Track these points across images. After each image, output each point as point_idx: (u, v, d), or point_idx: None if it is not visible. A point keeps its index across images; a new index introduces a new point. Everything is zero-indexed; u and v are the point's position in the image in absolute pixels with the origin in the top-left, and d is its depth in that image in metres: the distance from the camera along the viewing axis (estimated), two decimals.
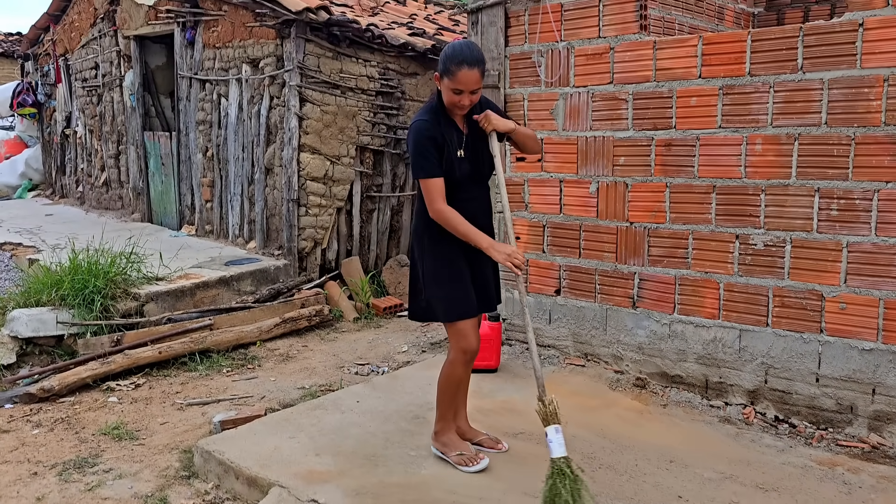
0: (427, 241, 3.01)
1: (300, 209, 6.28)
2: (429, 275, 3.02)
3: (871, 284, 3.38)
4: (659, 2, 6.24)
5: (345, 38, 6.24)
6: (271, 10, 6.00)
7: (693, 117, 3.84)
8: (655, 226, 4.04)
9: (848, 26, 3.34)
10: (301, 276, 6.27)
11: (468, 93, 2.85)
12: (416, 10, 9.38)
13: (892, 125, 3.26)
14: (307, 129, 6.16)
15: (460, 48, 2.86)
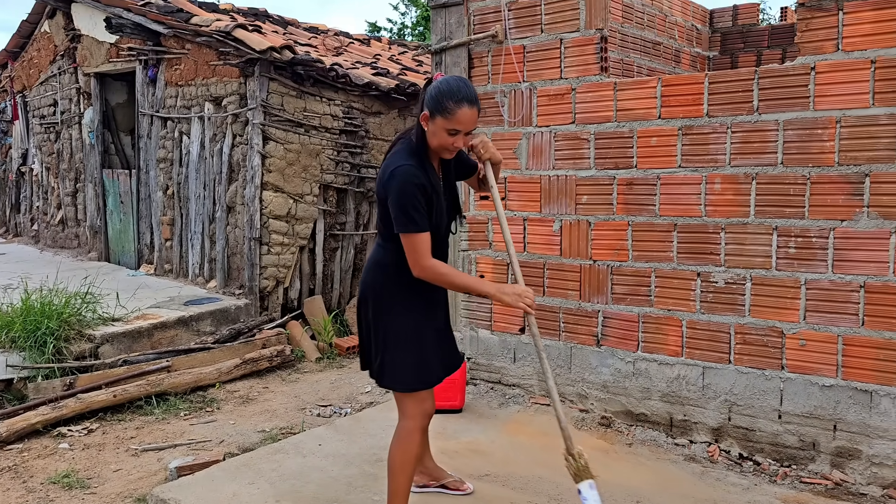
0: (390, 299, 2.67)
1: (262, 248, 6.20)
2: (392, 337, 2.68)
3: (830, 321, 3.43)
4: (618, 45, 6.40)
5: (309, 78, 6.24)
6: (235, 49, 5.99)
7: (653, 157, 3.90)
8: (618, 264, 4.06)
9: (800, 70, 3.44)
10: (262, 316, 6.16)
11: (463, 134, 2.57)
12: (380, 51, 9.48)
13: (845, 165, 3.35)
14: (270, 167, 6.11)
15: (457, 85, 2.56)
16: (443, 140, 2.56)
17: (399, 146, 2.66)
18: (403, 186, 2.50)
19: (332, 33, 9.26)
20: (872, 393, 3.34)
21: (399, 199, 2.49)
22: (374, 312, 2.70)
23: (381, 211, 2.67)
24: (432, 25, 4.74)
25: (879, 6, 3.23)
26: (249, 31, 6.19)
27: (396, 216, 2.51)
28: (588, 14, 4.09)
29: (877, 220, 3.29)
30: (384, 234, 2.69)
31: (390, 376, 2.70)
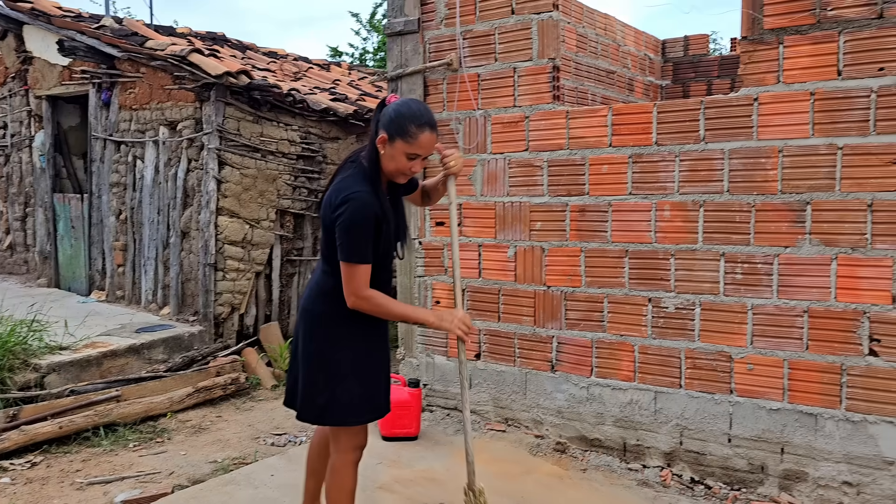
0: (339, 329, 2.57)
1: (217, 273, 6.11)
2: (344, 369, 2.57)
3: (776, 345, 3.51)
4: (573, 73, 6.52)
5: (266, 103, 6.22)
6: (191, 73, 5.95)
7: (605, 184, 3.97)
8: (572, 289, 4.10)
9: (744, 100, 3.55)
10: (217, 343, 6.06)
11: (421, 159, 2.52)
12: (339, 76, 9.50)
13: (787, 193, 3.45)
14: (226, 192, 6.05)
15: (419, 109, 2.51)
16: (401, 164, 2.49)
17: (350, 170, 2.55)
18: (357, 214, 2.42)
19: (291, 58, 9.26)
20: (817, 416, 3.41)
21: (350, 226, 2.42)
22: (322, 344, 2.59)
23: (327, 236, 2.56)
24: (388, 53, 4.78)
25: (817, 41, 3.36)
26: (206, 55, 6.16)
27: (344, 243, 2.44)
28: (541, 44, 4.16)
29: (819, 246, 3.38)
30: (331, 258, 2.58)
31: (342, 411, 2.58)
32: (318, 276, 2.68)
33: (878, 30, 3.22)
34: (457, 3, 4.44)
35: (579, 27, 6.64)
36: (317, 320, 2.60)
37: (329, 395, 2.57)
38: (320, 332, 2.59)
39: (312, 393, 2.59)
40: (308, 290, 2.71)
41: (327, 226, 2.55)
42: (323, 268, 2.64)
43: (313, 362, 2.59)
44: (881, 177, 3.24)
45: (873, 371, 3.29)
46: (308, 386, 2.60)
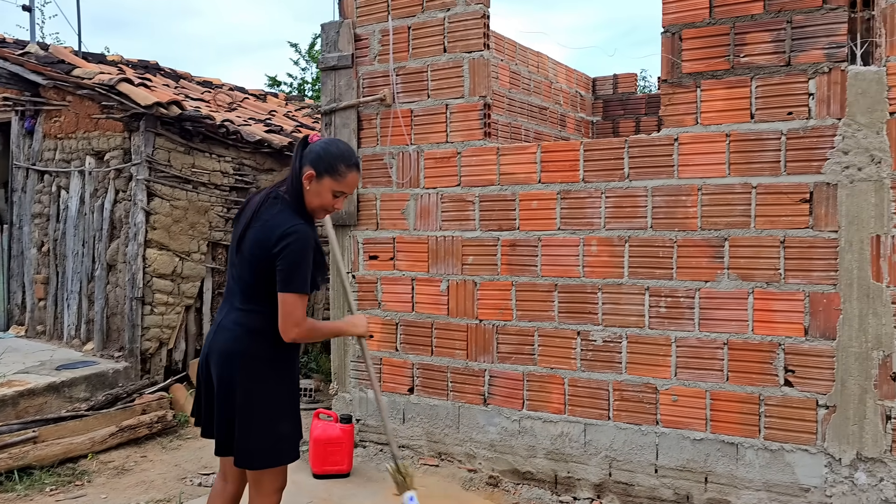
0: (268, 368, 2.55)
1: (145, 307, 5.94)
2: (273, 408, 2.56)
3: (698, 377, 3.62)
4: (506, 109, 6.66)
5: (198, 134, 6.14)
6: (119, 103, 5.83)
7: (535, 219, 4.05)
8: (503, 323, 4.15)
9: (665, 140, 3.69)
10: (144, 380, 5.87)
11: (344, 196, 2.62)
12: (276, 107, 9.45)
13: (707, 230, 3.58)
14: (155, 224, 5.92)
15: (348, 149, 2.62)
16: (326, 200, 2.55)
17: (279, 205, 2.56)
18: (304, 246, 2.46)
19: (226, 88, 9.17)
20: (738, 445, 3.52)
21: (297, 258, 2.45)
22: (252, 385, 2.53)
23: (256, 273, 2.53)
24: (322, 87, 4.79)
25: (731, 85, 3.53)
26: (136, 84, 6.05)
27: (290, 276, 2.45)
28: (472, 82, 4.25)
29: (736, 280, 3.52)
30: (257, 296, 2.55)
31: (273, 452, 2.56)
32: (237, 315, 2.59)
33: (786, 76, 3.41)
34: (390, 40, 4.50)
35: (512, 64, 6.80)
36: (246, 361, 2.54)
37: (261, 437, 2.53)
38: (251, 373, 2.54)
39: (245, 436, 2.53)
40: (224, 331, 2.60)
41: (259, 262, 2.51)
42: (245, 306, 2.58)
43: (244, 405, 2.53)
44: (792, 214, 3.40)
45: (789, 401, 3.42)
46: (241, 430, 2.53)
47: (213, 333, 2.64)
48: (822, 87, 3.34)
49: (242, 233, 2.57)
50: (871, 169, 3.24)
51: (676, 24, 3.66)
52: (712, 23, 3.57)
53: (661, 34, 3.71)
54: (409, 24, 4.44)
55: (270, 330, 2.53)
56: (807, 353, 3.38)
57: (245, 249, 2.55)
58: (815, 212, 3.35)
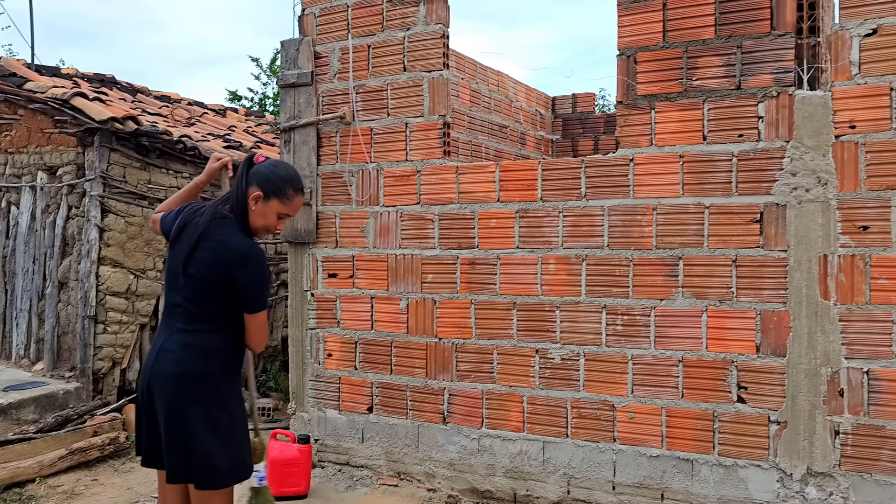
0: (224, 389, 2.55)
1: (97, 326, 5.80)
2: (230, 428, 2.54)
3: (654, 394, 3.66)
4: (467, 127, 6.70)
5: (154, 149, 6.05)
6: (73, 117, 5.72)
7: (494, 238, 4.07)
8: (462, 341, 4.15)
9: (621, 161, 3.75)
10: (96, 400, 5.72)
11: (287, 218, 2.70)
12: (235, 122, 9.37)
13: (661, 249, 3.64)
14: (109, 241, 5.80)
15: (295, 173, 2.69)
16: (270, 222, 2.61)
17: (228, 225, 2.56)
18: (265, 265, 2.54)
19: (184, 103, 9.06)
20: (693, 461, 3.57)
21: (260, 277, 2.52)
22: (203, 405, 2.50)
23: (209, 291, 2.51)
24: (281, 104, 4.77)
25: (684, 108, 3.61)
26: (91, 99, 5.94)
27: (255, 294, 2.52)
28: (432, 101, 4.27)
29: (691, 299, 3.58)
30: (207, 316, 2.54)
31: (233, 470, 2.55)
32: (183, 337, 2.55)
33: (737, 99, 3.50)
34: (350, 58, 4.51)
35: (473, 83, 6.86)
36: (199, 382, 2.51)
37: (223, 456, 2.52)
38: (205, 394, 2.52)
39: (207, 457, 2.49)
40: (168, 354, 2.55)
41: (213, 282, 2.50)
42: (192, 327, 2.54)
43: (202, 426, 2.50)
44: (743, 234, 3.48)
45: (742, 417, 3.48)
46: (200, 451, 2.49)
47: (153, 358, 2.58)
48: (770, 111, 3.43)
49: (189, 253, 2.54)
50: (817, 190, 3.33)
51: (631, 47, 3.73)
52: (666, 46, 3.65)
53: (617, 57, 3.78)
54: (369, 42, 4.46)
55: (222, 349, 2.55)
56: (759, 370, 3.45)
57: (195, 270, 2.53)
58: (766, 232, 3.44)
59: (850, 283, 3.28)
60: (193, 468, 2.50)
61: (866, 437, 3.26)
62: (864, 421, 3.26)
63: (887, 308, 3.22)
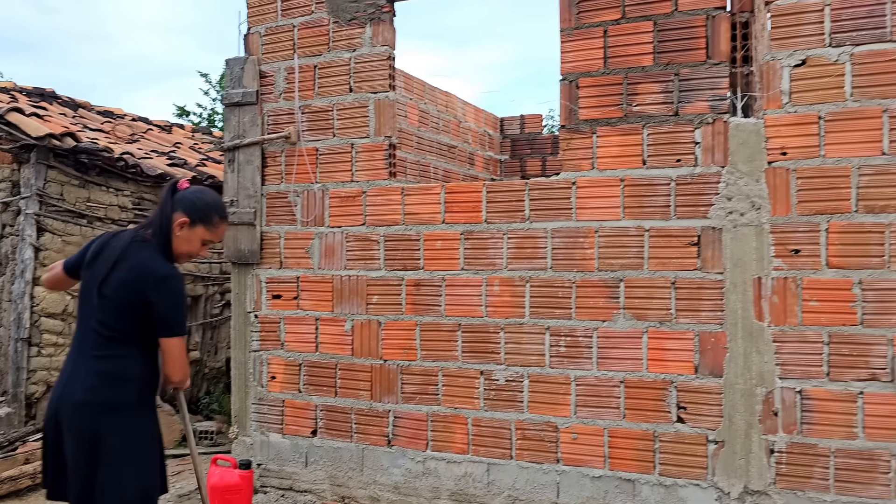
0: (142, 416, 2.55)
1: (32, 349, 5.60)
2: (148, 456, 2.54)
3: (597, 415, 3.69)
4: (415, 147, 6.72)
5: (94, 167, 5.90)
6: (8, 133, 5.55)
7: (439, 259, 4.07)
8: (408, 363, 4.13)
9: (563, 184, 3.80)
10: (28, 426, 5.50)
11: (210, 245, 2.76)
12: (181, 139, 9.21)
13: (603, 271, 3.70)
14: (45, 260, 5.61)
15: (219, 200, 2.77)
16: (194, 247, 2.65)
17: (148, 249, 2.56)
18: (182, 289, 2.54)
19: (128, 119, 8.88)
20: (635, 481, 3.60)
21: (178, 301, 2.52)
22: (122, 437, 2.46)
23: (123, 314, 2.47)
24: (225, 123, 4.71)
25: (625, 132, 3.69)
26: (28, 114, 5.78)
27: (174, 319, 2.51)
28: (377, 122, 4.27)
29: (631, 320, 3.64)
30: (120, 340, 2.49)
31: (145, 499, 2.52)
32: (94, 364, 2.49)
33: (675, 125, 3.59)
34: (296, 78, 4.48)
35: (421, 103, 6.89)
36: (113, 410, 2.46)
37: (133, 485, 2.48)
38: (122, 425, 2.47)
39: (116, 488, 2.44)
40: (79, 382, 2.48)
41: (129, 305, 2.47)
42: (103, 352, 2.49)
43: (114, 455, 2.45)
44: (682, 257, 3.56)
45: (681, 437, 3.54)
46: (111, 481, 2.43)
47: (62, 386, 2.51)
48: (707, 137, 3.53)
49: (106, 274, 2.50)
50: (752, 214, 3.43)
51: (574, 72, 3.80)
52: (607, 73, 3.73)
53: (560, 82, 3.84)
54: (315, 62, 4.44)
55: (136, 376, 2.51)
56: (697, 391, 3.51)
57: (110, 291, 2.50)
58: (703, 254, 3.52)
59: (782, 305, 3.37)
60: (102, 500, 2.44)
61: (799, 456, 3.34)
62: (797, 439, 3.35)
63: (818, 329, 3.32)
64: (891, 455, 3.20)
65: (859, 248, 3.26)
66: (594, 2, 3.75)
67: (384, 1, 4.24)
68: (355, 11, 4.32)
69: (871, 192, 3.24)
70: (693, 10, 3.55)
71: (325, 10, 4.40)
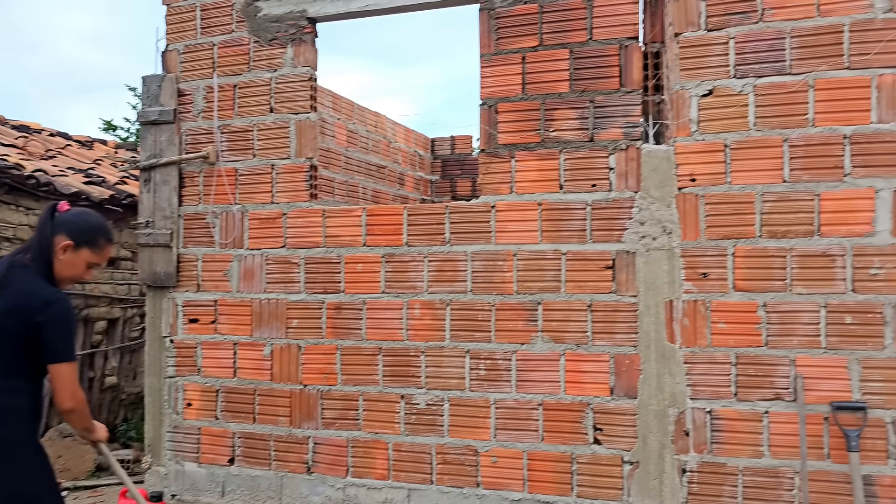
0: (34, 454, 2.39)
1: None
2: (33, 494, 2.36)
3: (516, 437, 3.70)
4: (343, 167, 6.67)
5: (3, 184, 5.64)
6: None
7: (360, 282, 4.04)
8: (328, 388, 4.07)
9: (483, 207, 3.83)
10: None
11: (96, 268, 2.63)
12: (103, 155, 8.91)
13: (522, 293, 3.72)
14: None
15: (104, 222, 2.64)
16: (78, 271, 2.52)
17: (29, 273, 2.43)
18: (70, 313, 2.43)
19: (45, 133, 8.55)
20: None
21: (67, 326, 2.41)
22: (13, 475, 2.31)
23: (15, 342, 2.34)
24: (142, 142, 4.58)
25: (542, 157, 3.74)
26: None
27: (62, 345, 2.38)
28: (299, 143, 4.22)
29: (549, 343, 3.67)
30: (17, 372, 2.36)
31: None
32: None
33: (590, 151, 3.66)
34: (215, 97, 4.40)
35: (350, 123, 6.86)
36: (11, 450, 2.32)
37: None
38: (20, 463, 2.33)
39: None
40: None
41: (16, 331, 2.33)
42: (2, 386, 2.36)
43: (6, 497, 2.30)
44: (598, 280, 3.61)
45: (598, 458, 3.58)
46: None
47: None
48: (621, 163, 3.61)
49: None
50: (663, 239, 3.52)
51: (493, 97, 3.84)
52: (525, 98, 3.78)
53: (480, 106, 3.88)
54: (236, 82, 4.37)
55: (31, 412, 2.39)
56: (613, 412, 3.56)
57: None
58: (618, 278, 3.58)
59: (693, 327, 3.46)
60: None
61: (710, 475, 3.42)
62: (707, 459, 3.43)
63: (726, 350, 3.42)
64: (794, 472, 3.30)
65: (763, 272, 3.38)
66: (512, 28, 3.80)
67: (306, 22, 4.21)
68: (276, 31, 4.27)
69: (774, 218, 3.36)
70: (607, 40, 3.64)
71: (246, 30, 4.34)
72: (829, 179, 3.30)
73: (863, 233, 3.25)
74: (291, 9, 4.22)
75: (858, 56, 3.27)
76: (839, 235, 3.28)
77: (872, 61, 3.25)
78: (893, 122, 3.23)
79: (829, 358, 3.28)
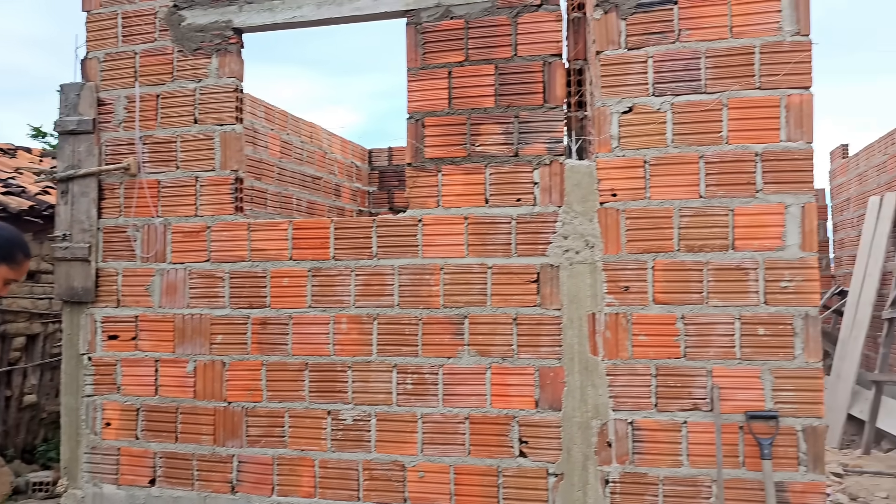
0: None
1: None
2: None
3: (443, 452, 3.70)
4: (276, 178, 6.59)
5: None
6: None
7: (286, 297, 3.98)
8: (253, 405, 3.99)
9: (410, 221, 3.82)
10: None
11: (11, 285, 2.56)
12: (27, 164, 8.59)
13: (449, 307, 3.73)
14: None
15: (22, 237, 2.55)
16: None
17: None
18: None
19: None
20: None
21: None
22: None
23: None
24: (59, 152, 4.42)
25: (468, 171, 3.76)
26: None
27: None
28: (224, 155, 4.14)
29: (476, 356, 3.68)
30: None
31: None
32: None
33: (515, 166, 3.69)
34: (136, 107, 4.28)
35: (284, 134, 6.78)
36: None
37: None
38: None
39: None
40: None
41: None
42: None
43: None
44: (523, 293, 3.64)
45: (524, 471, 3.60)
46: None
47: None
48: (545, 178, 3.65)
49: None
50: (586, 253, 3.57)
51: (420, 111, 3.85)
52: (451, 113, 3.80)
53: (407, 120, 3.87)
54: (158, 92, 4.27)
55: None
56: (538, 425, 3.59)
57: None
58: (542, 291, 3.62)
59: (615, 340, 3.52)
60: None
61: (632, 485, 3.47)
62: (629, 469, 3.48)
63: (647, 362, 3.49)
64: (711, 480, 3.38)
65: (681, 285, 3.46)
66: (439, 43, 3.82)
67: (231, 32, 4.15)
68: (201, 41, 4.19)
69: (691, 233, 3.45)
70: (531, 56, 3.69)
71: (170, 39, 4.25)
72: (742, 195, 3.41)
73: (774, 247, 3.36)
74: (216, 19, 4.15)
75: (768, 77, 3.39)
76: (752, 249, 3.39)
77: (781, 82, 3.38)
78: (801, 141, 3.36)
79: (744, 368, 3.38)
